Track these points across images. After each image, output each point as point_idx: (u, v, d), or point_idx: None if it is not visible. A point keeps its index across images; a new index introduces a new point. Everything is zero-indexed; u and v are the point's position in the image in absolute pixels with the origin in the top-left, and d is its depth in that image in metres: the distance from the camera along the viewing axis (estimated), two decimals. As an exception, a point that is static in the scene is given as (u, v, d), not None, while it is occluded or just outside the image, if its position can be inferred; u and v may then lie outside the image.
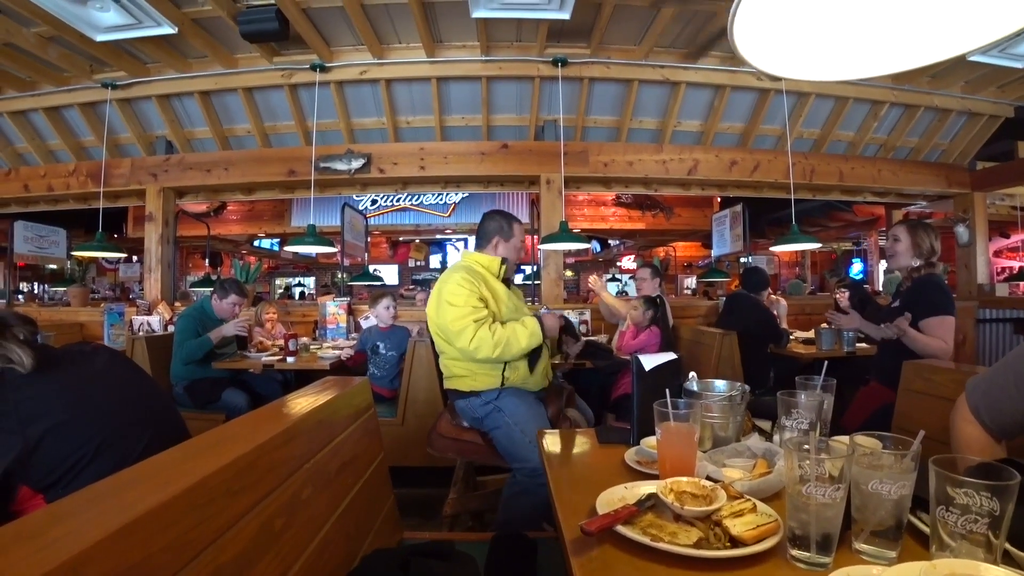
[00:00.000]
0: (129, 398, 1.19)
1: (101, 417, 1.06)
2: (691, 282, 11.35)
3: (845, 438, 1.00)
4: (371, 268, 6.71)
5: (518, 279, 11.42)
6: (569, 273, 11.81)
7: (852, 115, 5.03)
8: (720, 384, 1.38)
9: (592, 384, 3.52)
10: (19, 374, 1.02)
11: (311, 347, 3.94)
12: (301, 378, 3.65)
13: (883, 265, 9.20)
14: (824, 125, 5.12)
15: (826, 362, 1.37)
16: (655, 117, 4.90)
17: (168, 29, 3.63)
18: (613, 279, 11.05)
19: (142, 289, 5.49)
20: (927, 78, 4.77)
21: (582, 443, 1.43)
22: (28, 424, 0.96)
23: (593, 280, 3.93)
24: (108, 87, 4.54)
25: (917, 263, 2.37)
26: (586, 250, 10.66)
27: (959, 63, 4.34)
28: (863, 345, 3.68)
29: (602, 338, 3.95)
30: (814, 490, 0.80)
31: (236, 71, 4.44)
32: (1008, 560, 0.77)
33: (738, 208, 5.20)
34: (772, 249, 7.93)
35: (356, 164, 4.65)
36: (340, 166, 4.67)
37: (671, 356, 1.32)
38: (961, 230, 5.57)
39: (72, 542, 0.58)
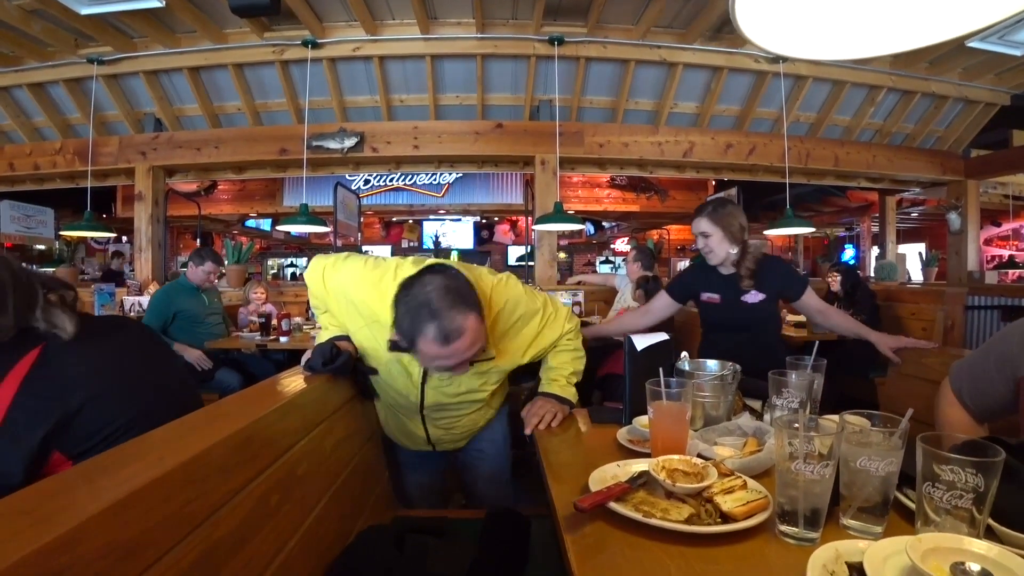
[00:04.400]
0: (160, 377, 1.18)
1: (133, 392, 1.05)
2: (684, 265, 11.38)
3: (835, 416, 1.01)
4: (364, 248, 6.68)
5: (514, 255, 11.30)
6: (562, 255, 11.81)
7: (849, 99, 5.01)
8: (712, 364, 1.40)
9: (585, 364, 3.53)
10: (60, 340, 0.99)
11: (304, 327, 3.94)
12: (294, 358, 3.65)
13: (875, 251, 9.25)
14: (821, 109, 5.10)
15: (817, 343, 1.38)
16: (651, 98, 4.86)
17: (155, 2, 3.55)
18: (607, 261, 11.05)
19: (132, 270, 5.45)
20: (925, 64, 4.75)
21: (575, 422, 1.45)
22: (69, 392, 0.94)
23: None
24: (94, 63, 4.44)
25: (735, 249, 2.12)
26: (580, 232, 10.64)
27: (958, 49, 4.32)
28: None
29: (595, 319, 3.97)
30: (803, 467, 0.81)
31: (226, 47, 4.36)
32: (990, 535, 0.79)
33: (733, 191, 5.21)
34: (766, 233, 7.93)
35: (349, 143, 4.60)
36: (333, 144, 4.61)
37: (663, 336, 1.33)
38: (953, 217, 5.60)
39: (66, 516, 0.58)
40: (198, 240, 8.43)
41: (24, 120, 5.12)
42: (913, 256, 8.19)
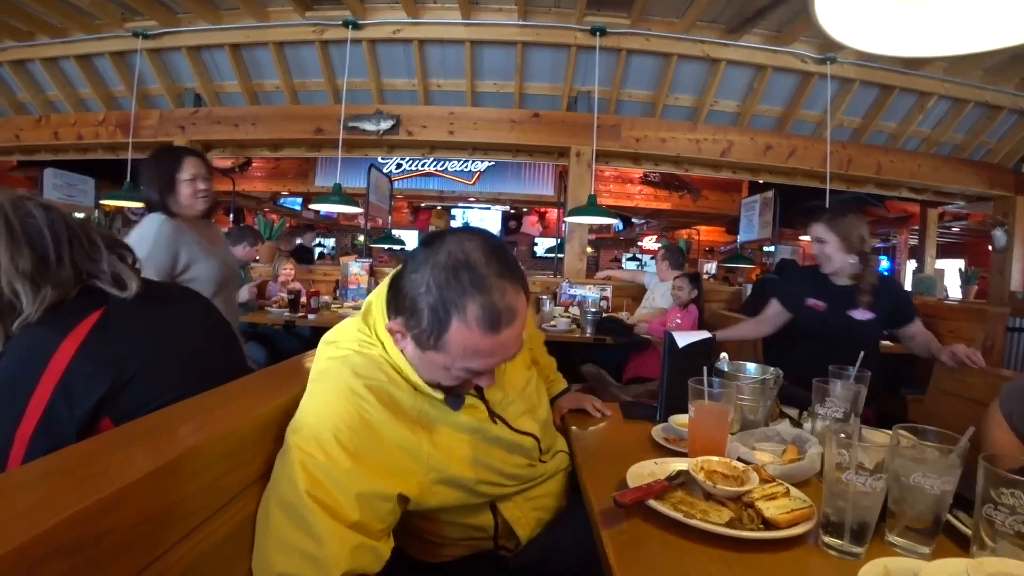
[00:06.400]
0: (218, 354, 1.17)
1: (190, 366, 1.04)
2: (711, 267, 11.21)
3: (877, 430, 0.97)
4: (394, 232, 6.70)
5: (542, 247, 11.18)
6: (589, 250, 11.68)
7: (897, 105, 4.83)
8: (751, 367, 1.36)
9: (610, 361, 3.51)
10: (123, 304, 0.97)
11: (332, 305, 3.98)
12: (318, 335, 3.68)
13: (912, 264, 8.98)
14: (866, 114, 4.94)
15: (862, 353, 1.32)
16: (691, 94, 4.76)
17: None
18: (634, 258, 10.94)
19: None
20: (981, 71, 4.55)
21: (606, 417, 1.42)
22: (125, 358, 0.93)
23: None
24: (139, 36, 4.51)
25: (853, 260, 2.05)
26: (608, 227, 10.55)
27: (1017, 58, 4.14)
28: (887, 343, 3.59)
29: (623, 315, 3.93)
30: (854, 478, 0.78)
31: (267, 24, 4.38)
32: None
33: (769, 194, 5.07)
34: (803, 238, 7.77)
35: (385, 125, 4.61)
36: (369, 126, 4.62)
37: (705, 335, 1.29)
38: (999, 234, 5.40)
39: (106, 480, 0.58)
40: (231, 216, 8.55)
41: (70, 91, 5.22)
42: (951, 272, 7.93)
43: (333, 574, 0.77)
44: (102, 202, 5.70)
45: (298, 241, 8.82)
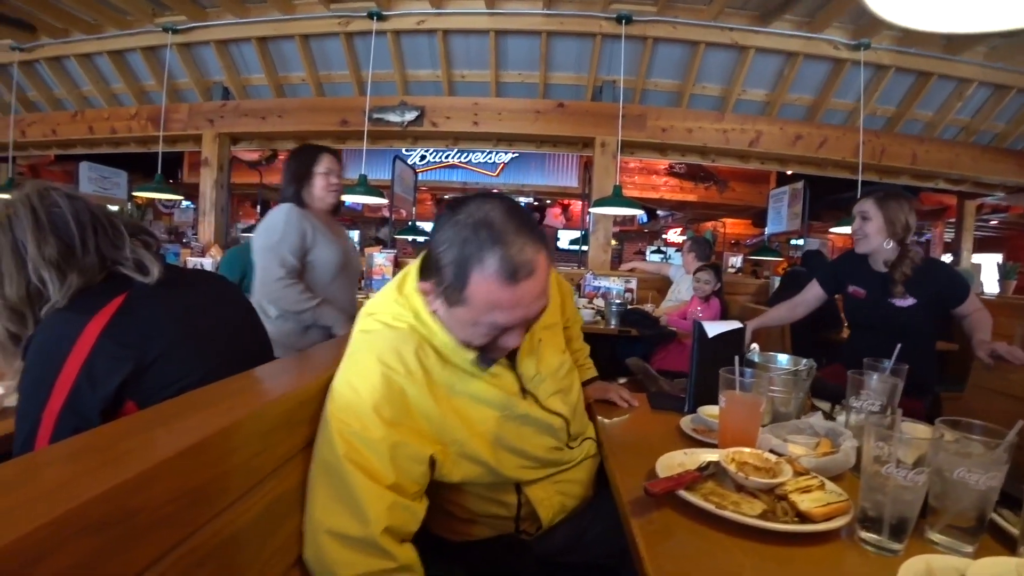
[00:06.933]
0: (241, 335, 1.18)
1: (212, 348, 1.05)
2: (737, 261, 11.01)
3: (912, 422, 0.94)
4: (419, 225, 6.72)
5: (565, 239, 11.15)
6: (613, 242, 11.57)
7: (933, 93, 4.67)
8: (783, 358, 1.33)
9: (634, 353, 3.47)
10: (146, 288, 0.99)
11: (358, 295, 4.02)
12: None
13: (947, 258, 8.70)
14: (901, 103, 4.79)
15: (899, 346, 1.28)
16: (719, 83, 4.67)
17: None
18: (658, 251, 10.80)
19: (195, 233, 5.65)
20: (1024, 56, 4.38)
21: (634, 408, 1.40)
22: (148, 340, 0.94)
23: None
24: (169, 31, 4.60)
25: (890, 244, 1.99)
26: (632, 219, 10.43)
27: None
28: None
29: (648, 307, 3.89)
30: (895, 471, 0.75)
31: (293, 17, 4.43)
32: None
33: (799, 185, 4.96)
34: (834, 231, 7.59)
35: (409, 116, 4.62)
36: (393, 118, 4.64)
37: (736, 324, 1.26)
38: (1040, 225, 5.20)
39: (138, 458, 0.58)
40: (258, 208, 8.68)
41: (103, 86, 5.37)
42: (989, 266, 7.66)
43: (375, 530, 0.84)
44: (134, 194, 5.84)
45: (376, 235, 9.07)
